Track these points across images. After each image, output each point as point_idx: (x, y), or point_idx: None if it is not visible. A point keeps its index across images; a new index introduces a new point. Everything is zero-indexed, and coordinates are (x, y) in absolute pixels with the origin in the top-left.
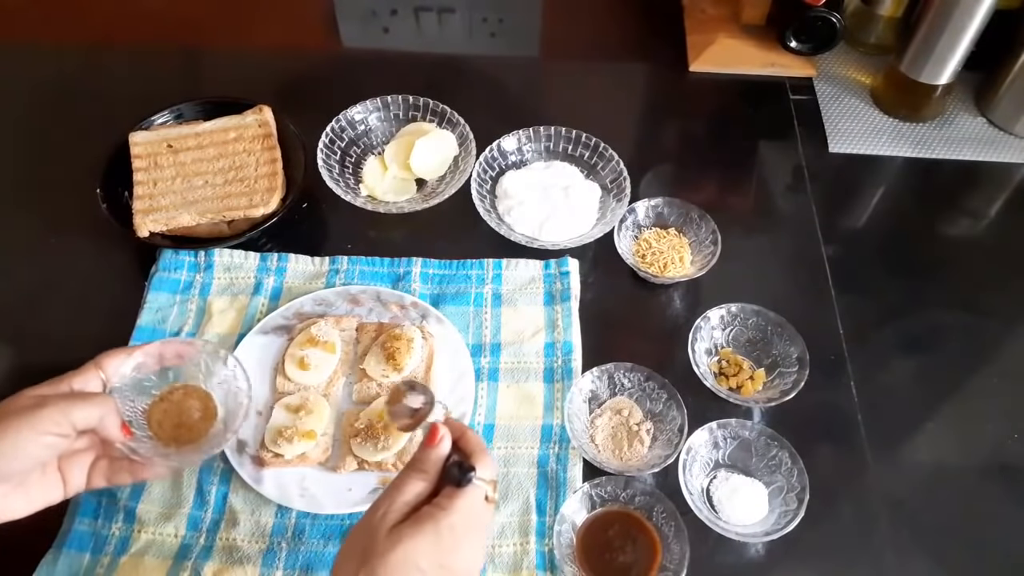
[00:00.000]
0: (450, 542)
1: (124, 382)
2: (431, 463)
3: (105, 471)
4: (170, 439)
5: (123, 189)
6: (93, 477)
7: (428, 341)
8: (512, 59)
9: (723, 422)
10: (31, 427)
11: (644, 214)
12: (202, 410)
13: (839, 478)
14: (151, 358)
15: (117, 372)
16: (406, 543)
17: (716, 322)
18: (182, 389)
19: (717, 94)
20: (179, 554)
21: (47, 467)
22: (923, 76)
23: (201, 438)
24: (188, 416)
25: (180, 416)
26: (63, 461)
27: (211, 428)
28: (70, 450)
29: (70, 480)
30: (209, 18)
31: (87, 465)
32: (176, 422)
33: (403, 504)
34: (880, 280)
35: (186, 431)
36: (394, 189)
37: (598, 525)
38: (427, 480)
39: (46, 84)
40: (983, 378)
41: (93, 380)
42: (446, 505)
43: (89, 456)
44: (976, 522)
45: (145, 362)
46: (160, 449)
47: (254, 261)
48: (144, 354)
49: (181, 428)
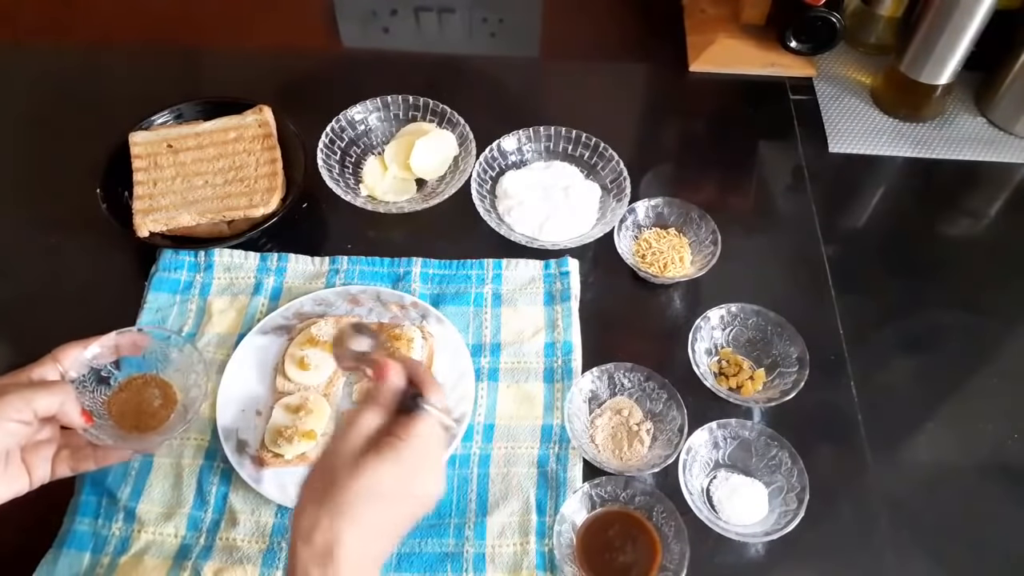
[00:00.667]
0: (411, 468)
1: (82, 372)
2: (385, 396)
3: (68, 459)
4: (131, 427)
5: (123, 189)
6: (57, 466)
7: (428, 341)
8: (512, 59)
9: (723, 422)
10: None
11: (644, 214)
12: (162, 397)
13: (839, 478)
14: (107, 349)
15: (75, 363)
16: (368, 472)
17: (716, 322)
18: (141, 379)
19: (717, 94)
20: (179, 554)
21: (11, 458)
22: (923, 76)
23: (162, 424)
24: (148, 404)
25: (140, 405)
26: (26, 453)
27: (171, 414)
28: (32, 440)
29: (35, 470)
30: (209, 18)
31: (50, 455)
32: (137, 411)
33: (360, 438)
34: (880, 280)
35: (147, 419)
36: (394, 189)
37: (598, 525)
38: (381, 414)
39: (46, 84)
40: (983, 378)
41: (51, 371)
42: (404, 433)
43: (51, 447)
44: (976, 522)
45: (102, 353)
46: (122, 434)
47: (254, 261)
48: (100, 345)
49: (142, 416)
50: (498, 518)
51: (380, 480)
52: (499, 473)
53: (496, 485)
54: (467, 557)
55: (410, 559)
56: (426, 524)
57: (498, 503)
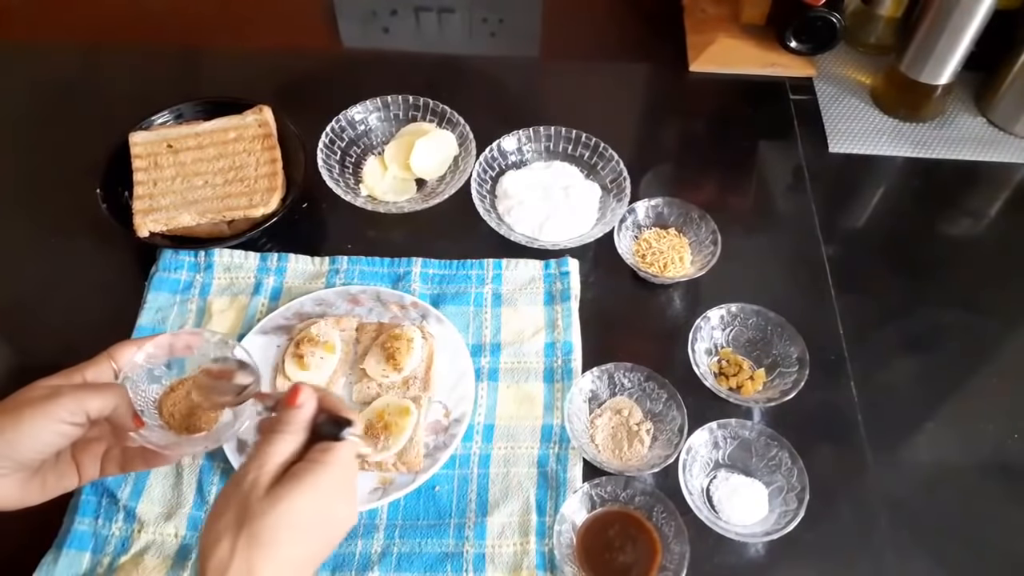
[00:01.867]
0: (330, 494)
1: (136, 372)
2: (298, 423)
3: (118, 459)
4: (181, 428)
5: (123, 189)
6: (106, 465)
7: (428, 341)
8: (512, 59)
9: (723, 422)
10: (47, 416)
11: (644, 214)
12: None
13: (839, 478)
14: (161, 349)
15: (129, 363)
16: (286, 501)
17: (716, 322)
18: (192, 380)
19: (717, 94)
20: (179, 554)
21: (62, 455)
22: (923, 76)
23: (211, 426)
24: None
25: (189, 406)
26: (77, 450)
27: (221, 417)
28: (84, 439)
29: (84, 468)
30: (209, 18)
31: (100, 454)
32: (187, 411)
33: (275, 465)
34: (880, 280)
35: (197, 420)
36: (394, 189)
37: (598, 525)
38: (295, 440)
39: (46, 84)
40: (983, 378)
41: (106, 370)
42: (323, 459)
43: (102, 445)
44: (976, 522)
45: (156, 353)
46: (172, 437)
47: (254, 261)
48: (155, 345)
49: (192, 417)
50: (498, 518)
51: (299, 509)
52: (499, 473)
53: (496, 485)
54: (467, 557)
55: (410, 559)
56: (426, 524)
57: (498, 503)
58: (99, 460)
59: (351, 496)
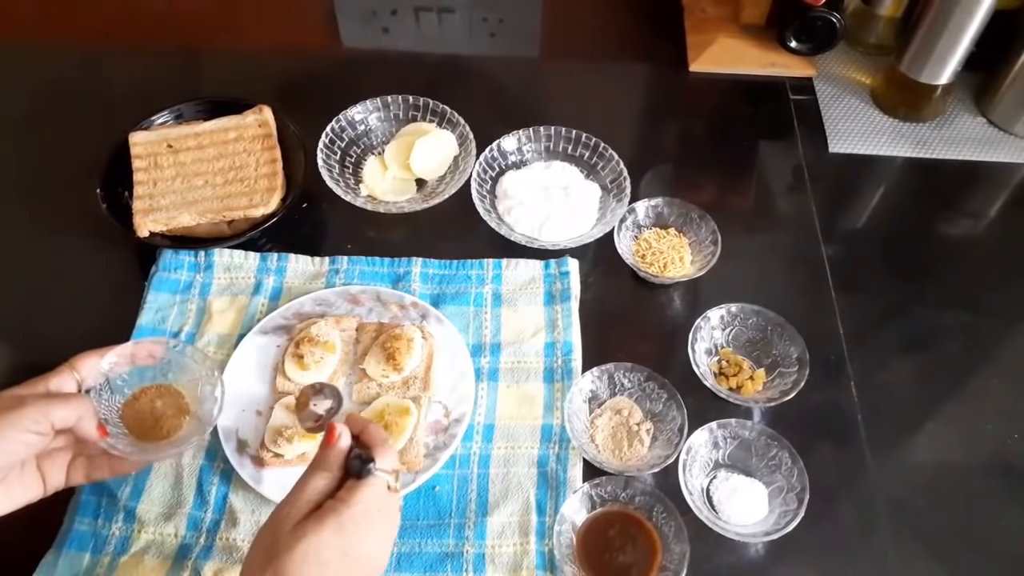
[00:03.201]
0: (353, 533)
1: (99, 382)
2: (331, 460)
3: (84, 467)
4: (145, 436)
5: (123, 189)
6: (72, 474)
7: (428, 341)
8: (512, 59)
9: (723, 422)
10: (11, 425)
11: (644, 214)
12: (175, 407)
13: (839, 478)
14: (124, 358)
15: (92, 373)
16: (309, 537)
17: (716, 322)
18: (155, 388)
19: (717, 94)
20: (179, 554)
21: (26, 465)
22: (923, 76)
23: (175, 433)
24: (161, 414)
25: (153, 414)
26: (41, 460)
27: (184, 424)
28: (47, 449)
29: (49, 478)
30: (209, 18)
31: (65, 463)
32: (150, 421)
33: (306, 503)
34: (880, 280)
35: (160, 428)
36: (394, 189)
37: (598, 525)
38: (328, 477)
39: (46, 84)
40: (983, 378)
41: (68, 381)
42: (347, 497)
43: (67, 454)
44: (976, 522)
45: (118, 362)
46: (136, 445)
47: (254, 261)
48: (117, 355)
49: (155, 426)
50: (498, 518)
51: (320, 545)
52: (499, 473)
53: (496, 485)
54: (467, 557)
55: (410, 559)
56: (426, 524)
57: (498, 503)
58: (64, 469)
59: (379, 530)
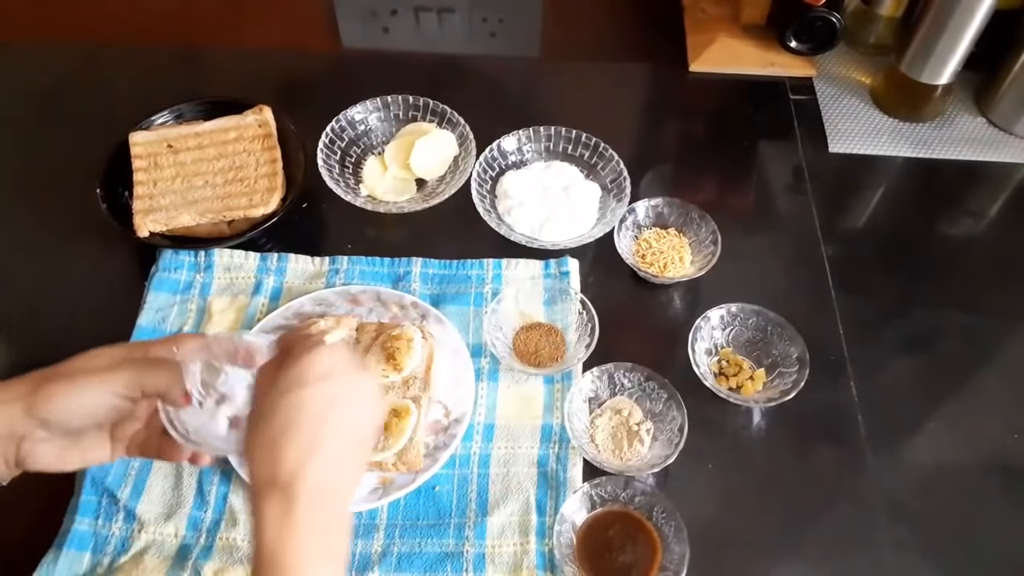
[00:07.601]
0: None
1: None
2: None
3: (140, 443)
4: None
5: (123, 189)
6: (130, 447)
7: (428, 341)
8: (512, 59)
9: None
10: (104, 386)
11: (644, 214)
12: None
13: (839, 478)
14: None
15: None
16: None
17: (716, 322)
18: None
19: (717, 94)
20: (179, 554)
21: (102, 427)
22: (923, 76)
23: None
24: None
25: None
26: (115, 425)
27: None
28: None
29: (116, 444)
30: (209, 18)
31: (131, 434)
32: None
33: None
34: (880, 280)
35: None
36: (394, 189)
37: (598, 525)
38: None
39: (46, 84)
40: (983, 378)
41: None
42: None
43: (136, 425)
44: (976, 522)
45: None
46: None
47: (254, 261)
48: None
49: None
50: (498, 518)
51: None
52: (499, 473)
53: (496, 485)
54: (467, 557)
55: (410, 559)
56: (426, 524)
57: (498, 503)
58: (127, 440)
59: (354, 369)
